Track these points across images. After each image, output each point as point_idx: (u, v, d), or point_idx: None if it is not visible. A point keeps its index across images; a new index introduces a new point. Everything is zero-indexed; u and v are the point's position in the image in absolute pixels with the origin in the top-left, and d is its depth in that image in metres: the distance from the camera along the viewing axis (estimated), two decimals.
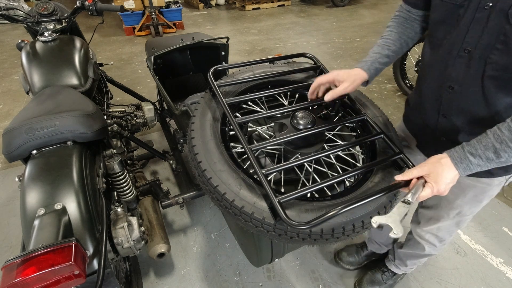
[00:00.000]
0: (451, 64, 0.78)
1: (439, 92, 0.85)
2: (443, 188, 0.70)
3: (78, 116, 1.08)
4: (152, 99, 2.18)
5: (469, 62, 0.73)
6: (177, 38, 1.96)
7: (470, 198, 0.97)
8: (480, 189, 0.94)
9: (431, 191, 0.70)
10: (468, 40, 0.72)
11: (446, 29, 0.78)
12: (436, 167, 0.70)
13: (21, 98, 3.18)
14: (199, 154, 0.83)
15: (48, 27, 1.52)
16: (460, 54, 0.74)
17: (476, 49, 0.71)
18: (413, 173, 0.73)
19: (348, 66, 3.85)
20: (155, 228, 1.34)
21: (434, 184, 0.70)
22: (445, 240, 1.17)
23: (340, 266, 1.60)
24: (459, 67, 0.76)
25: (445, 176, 0.69)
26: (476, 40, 0.70)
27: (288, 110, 0.96)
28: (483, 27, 0.68)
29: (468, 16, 0.70)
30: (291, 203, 0.75)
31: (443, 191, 0.71)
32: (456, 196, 0.98)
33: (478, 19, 0.68)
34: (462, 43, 0.73)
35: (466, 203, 0.99)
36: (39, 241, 0.76)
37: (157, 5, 4.81)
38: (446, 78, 0.81)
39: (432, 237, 1.17)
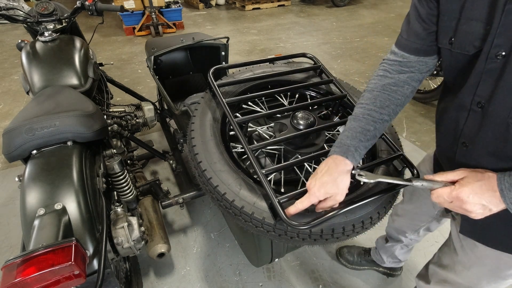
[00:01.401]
0: (464, 118, 0.66)
1: (452, 147, 0.72)
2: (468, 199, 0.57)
3: (78, 116, 1.08)
4: (152, 99, 2.18)
5: (483, 118, 0.61)
6: (177, 38, 1.96)
7: (490, 270, 0.77)
8: (505, 263, 0.73)
9: (449, 191, 0.59)
10: (480, 94, 0.60)
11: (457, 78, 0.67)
12: (476, 175, 0.59)
13: (21, 98, 3.18)
14: (199, 154, 0.83)
15: (48, 27, 1.52)
16: (473, 108, 0.62)
17: (491, 104, 0.58)
18: (448, 176, 0.62)
19: (348, 66, 3.85)
20: (155, 228, 1.34)
21: (459, 187, 0.58)
22: None
23: (338, 260, 1.62)
24: (473, 124, 0.64)
25: (480, 189, 0.56)
26: (490, 94, 0.58)
27: (288, 110, 0.96)
28: (498, 80, 0.56)
29: (478, 67, 0.59)
30: (291, 203, 0.75)
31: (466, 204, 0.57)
32: (472, 263, 0.80)
33: (490, 70, 0.57)
34: (473, 95, 0.61)
35: (484, 276, 0.79)
36: (39, 241, 0.76)
37: (157, 5, 4.81)
38: (459, 133, 0.68)
39: None
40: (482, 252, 0.75)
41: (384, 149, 0.93)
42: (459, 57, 0.63)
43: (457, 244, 0.83)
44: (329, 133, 1.08)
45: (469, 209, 0.58)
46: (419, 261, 1.65)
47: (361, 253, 1.60)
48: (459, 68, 0.65)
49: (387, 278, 1.57)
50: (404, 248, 1.36)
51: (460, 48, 0.62)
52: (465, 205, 0.58)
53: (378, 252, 1.50)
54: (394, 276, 1.57)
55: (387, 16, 5.81)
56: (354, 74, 3.69)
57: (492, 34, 0.53)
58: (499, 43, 0.53)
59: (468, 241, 0.78)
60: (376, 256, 1.52)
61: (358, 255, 1.59)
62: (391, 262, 1.46)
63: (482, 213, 0.58)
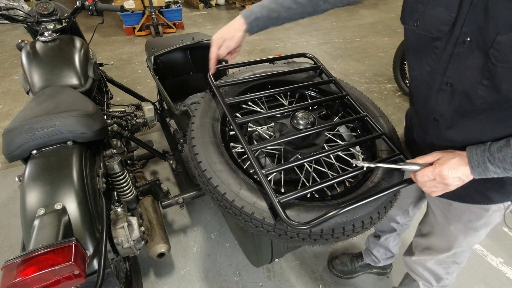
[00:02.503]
0: (434, 96, 0.74)
1: (424, 121, 0.82)
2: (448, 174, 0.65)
3: (78, 116, 1.08)
4: (152, 99, 2.18)
5: (452, 96, 0.70)
6: (177, 38, 1.96)
7: (464, 225, 0.90)
8: (475, 215, 0.86)
9: (432, 170, 0.67)
10: (449, 74, 0.69)
11: (422, 58, 0.75)
12: (449, 154, 0.68)
13: (21, 98, 3.18)
14: (199, 154, 0.83)
15: (48, 27, 1.52)
16: (442, 87, 0.71)
17: (460, 84, 0.67)
18: (427, 158, 0.71)
19: (348, 66, 3.85)
20: (155, 228, 1.34)
21: (439, 165, 0.67)
22: (443, 279, 1.06)
23: (331, 273, 1.58)
24: (442, 101, 0.73)
25: (455, 165, 0.66)
26: (458, 74, 0.67)
27: (288, 110, 0.96)
28: (465, 62, 0.64)
29: (447, 50, 0.67)
30: (291, 203, 0.75)
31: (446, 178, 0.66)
32: (449, 222, 0.93)
33: (458, 54, 0.65)
34: (443, 76, 0.70)
35: (460, 231, 0.91)
36: (39, 241, 0.76)
37: (157, 5, 4.81)
38: (430, 109, 0.77)
39: (426, 273, 1.07)
40: (457, 209, 0.88)
41: (384, 149, 0.93)
42: (422, 39, 0.72)
43: (435, 208, 0.96)
44: (329, 133, 1.08)
45: (449, 182, 0.67)
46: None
47: (353, 259, 1.58)
48: (421, 49, 0.73)
49: (385, 277, 1.57)
50: (397, 238, 1.39)
51: (424, 30, 0.70)
52: (446, 179, 0.67)
53: (371, 253, 1.49)
54: (386, 274, 1.58)
55: (387, 16, 5.81)
56: (354, 74, 3.69)
57: (460, 23, 0.62)
58: (466, 31, 0.62)
59: (444, 202, 0.91)
60: (369, 257, 1.52)
61: (351, 262, 1.57)
62: (385, 259, 1.47)
63: (457, 185, 0.68)
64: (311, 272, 1.60)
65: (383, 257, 1.47)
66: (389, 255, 1.46)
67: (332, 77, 1.09)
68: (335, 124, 0.94)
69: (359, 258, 1.57)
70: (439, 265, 1.03)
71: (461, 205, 0.87)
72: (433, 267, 1.05)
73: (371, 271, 1.58)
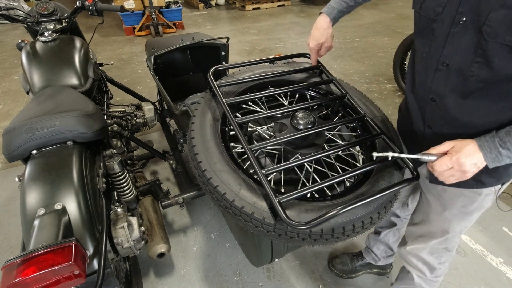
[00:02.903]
0: (431, 76, 0.79)
1: (422, 103, 0.85)
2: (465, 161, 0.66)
3: (78, 116, 1.08)
4: (152, 99, 2.18)
5: (448, 75, 0.74)
6: (177, 38, 1.96)
7: (458, 210, 0.93)
8: (469, 199, 0.89)
9: (449, 158, 0.68)
10: (445, 54, 0.73)
11: (423, 41, 0.79)
12: (462, 142, 0.69)
13: (21, 98, 3.18)
14: (199, 154, 0.83)
15: (48, 27, 1.52)
16: (439, 67, 0.75)
17: (455, 63, 0.71)
18: (440, 148, 0.71)
19: (348, 66, 3.85)
20: (155, 228, 1.34)
21: (455, 153, 0.67)
22: (436, 269, 1.09)
23: (332, 272, 1.58)
24: (439, 80, 0.77)
25: (471, 151, 0.67)
26: (453, 54, 0.71)
27: (288, 110, 0.96)
28: (460, 42, 0.68)
29: (443, 31, 0.71)
30: (291, 203, 0.75)
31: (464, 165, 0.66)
32: (443, 207, 0.95)
33: (454, 34, 0.69)
34: (440, 56, 0.74)
35: (454, 216, 0.94)
36: (39, 241, 0.76)
37: (157, 5, 4.81)
38: (428, 90, 0.81)
39: (420, 263, 1.10)
40: (451, 194, 0.91)
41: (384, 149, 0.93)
42: (423, 21, 0.77)
43: (429, 196, 0.99)
44: (329, 133, 1.08)
45: (466, 169, 0.67)
46: None
47: (354, 258, 1.58)
48: (423, 32, 0.79)
49: (385, 277, 1.58)
50: (396, 234, 1.40)
51: (425, 13, 0.75)
52: (464, 167, 0.67)
53: (371, 251, 1.50)
54: (386, 274, 1.58)
55: (387, 16, 5.81)
56: (354, 74, 3.69)
57: (455, 4, 0.66)
58: (462, 11, 0.66)
59: (437, 189, 0.94)
60: (369, 256, 1.52)
61: (351, 261, 1.57)
62: (385, 257, 1.48)
63: (474, 172, 0.69)
64: (311, 272, 1.60)
65: (383, 255, 1.47)
66: (389, 253, 1.47)
67: (332, 77, 1.09)
68: (335, 124, 0.94)
69: (359, 257, 1.57)
70: (431, 255, 1.06)
71: (455, 190, 0.90)
72: (426, 257, 1.07)
73: (371, 271, 1.58)
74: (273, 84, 1.12)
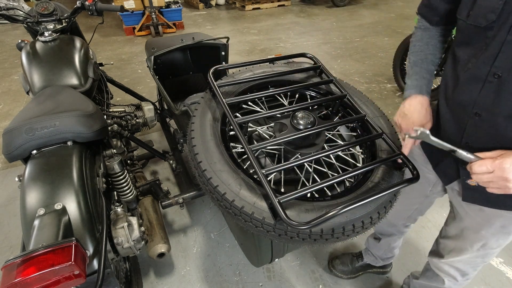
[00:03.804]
0: (477, 89, 0.70)
1: (462, 118, 0.77)
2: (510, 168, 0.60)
3: (78, 116, 1.08)
4: (152, 99, 2.18)
5: (500, 88, 0.66)
6: (177, 38, 1.96)
7: (496, 229, 0.86)
8: (508, 220, 0.83)
9: (492, 161, 0.62)
10: (498, 65, 0.65)
11: (469, 50, 0.72)
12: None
13: (21, 98, 3.18)
14: (199, 154, 0.83)
15: (48, 27, 1.52)
16: (489, 79, 0.67)
17: (509, 74, 0.64)
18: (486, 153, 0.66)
19: (348, 66, 3.85)
20: (155, 228, 1.34)
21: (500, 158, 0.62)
22: (469, 274, 1.06)
23: (332, 273, 1.57)
24: (488, 93, 0.69)
25: None
26: (508, 64, 0.64)
27: (288, 110, 0.96)
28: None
29: (497, 39, 0.64)
30: (291, 203, 0.75)
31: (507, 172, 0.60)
32: (481, 226, 0.88)
33: (510, 42, 0.62)
34: (490, 67, 0.66)
35: (492, 235, 0.88)
36: (39, 241, 0.76)
37: (157, 5, 4.81)
38: (472, 104, 0.73)
39: (453, 270, 1.06)
40: (489, 214, 0.84)
41: (384, 149, 0.93)
42: (472, 30, 0.70)
43: (462, 212, 0.92)
44: (329, 133, 1.08)
45: (510, 177, 0.60)
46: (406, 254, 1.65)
47: (354, 259, 1.57)
48: (470, 41, 0.71)
49: (385, 277, 1.57)
50: (397, 240, 1.38)
51: (474, 21, 0.68)
52: (506, 173, 0.61)
53: (371, 253, 1.49)
54: (386, 273, 1.58)
55: (387, 16, 5.81)
56: (354, 74, 3.69)
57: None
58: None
59: (473, 207, 0.86)
60: (369, 257, 1.52)
61: (351, 262, 1.56)
62: (385, 258, 1.47)
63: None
64: (311, 272, 1.60)
65: (383, 257, 1.47)
66: (390, 255, 1.46)
67: (332, 77, 1.09)
68: (335, 124, 0.94)
69: (359, 257, 1.57)
70: (467, 264, 1.02)
71: (493, 211, 0.83)
72: (461, 267, 1.04)
73: (371, 271, 1.58)
74: (273, 84, 1.12)
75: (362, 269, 1.57)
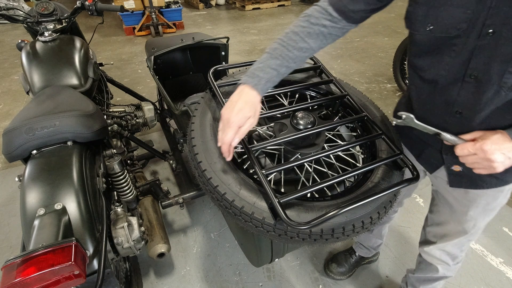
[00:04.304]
0: (456, 89, 0.73)
1: (443, 117, 0.80)
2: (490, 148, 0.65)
3: (78, 116, 1.08)
4: (152, 99, 2.18)
5: (478, 87, 0.69)
6: (177, 38, 1.96)
7: (482, 208, 0.92)
8: (492, 197, 0.89)
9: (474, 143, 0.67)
10: (473, 67, 0.68)
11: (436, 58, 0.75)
12: (491, 132, 0.68)
13: (21, 98, 3.18)
14: (199, 154, 0.83)
15: (48, 27, 1.52)
16: (466, 79, 0.71)
17: (485, 74, 0.67)
18: (466, 136, 0.71)
19: (348, 66, 3.85)
20: (155, 228, 1.34)
21: (482, 140, 0.67)
22: (458, 257, 1.11)
23: (329, 277, 1.56)
24: (466, 93, 0.72)
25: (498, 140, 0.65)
26: (483, 66, 0.67)
27: (288, 110, 0.96)
28: (492, 55, 0.65)
29: (468, 45, 0.67)
30: (291, 203, 0.75)
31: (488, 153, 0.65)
32: (468, 208, 0.94)
33: (482, 47, 0.65)
34: (466, 69, 0.70)
35: (479, 214, 0.94)
36: (39, 241, 0.76)
37: (157, 5, 4.82)
38: (451, 103, 0.76)
39: (444, 255, 1.11)
40: (474, 195, 0.89)
41: (384, 149, 0.93)
42: (438, 40, 0.72)
43: (449, 197, 0.97)
44: (329, 133, 1.08)
45: (492, 158, 0.65)
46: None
47: (348, 256, 1.59)
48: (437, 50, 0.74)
49: (385, 277, 1.58)
50: (386, 227, 1.44)
51: (441, 32, 0.70)
52: (488, 154, 0.65)
53: (362, 245, 1.53)
54: (374, 261, 1.64)
55: (387, 16, 5.81)
56: (354, 74, 3.69)
57: (482, 17, 0.63)
58: (490, 23, 0.63)
59: (459, 191, 0.92)
60: (361, 250, 1.55)
61: (346, 261, 1.57)
62: (375, 247, 1.52)
63: (503, 163, 0.66)
64: (311, 272, 1.60)
65: (374, 246, 1.51)
66: (379, 242, 1.50)
67: (332, 77, 1.09)
68: (335, 124, 0.94)
69: (352, 253, 1.59)
70: (456, 246, 1.07)
71: (477, 191, 0.88)
72: (450, 250, 1.09)
73: (364, 263, 1.61)
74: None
75: (357, 264, 1.59)
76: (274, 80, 0.81)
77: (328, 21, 0.80)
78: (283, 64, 0.80)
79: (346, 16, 0.80)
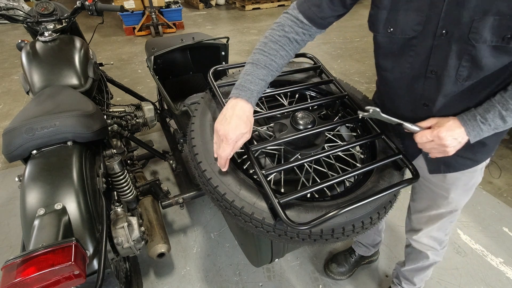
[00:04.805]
0: (420, 85, 0.82)
1: (414, 110, 0.87)
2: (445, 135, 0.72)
3: (78, 116, 1.08)
4: (152, 99, 2.18)
5: (439, 81, 0.77)
6: (177, 38, 1.96)
7: (461, 189, 0.99)
8: (468, 177, 0.96)
9: (431, 131, 0.75)
10: (432, 63, 0.76)
11: (398, 58, 0.83)
12: (444, 119, 0.77)
13: (21, 98, 3.18)
14: (199, 154, 0.83)
15: (48, 27, 1.52)
16: (428, 75, 0.79)
17: (443, 70, 0.75)
18: (423, 123, 0.79)
19: (348, 66, 3.86)
20: (155, 228, 1.34)
21: (437, 127, 0.74)
22: (444, 241, 1.17)
23: (329, 277, 1.56)
24: (430, 87, 0.80)
25: (451, 127, 0.73)
26: (440, 62, 0.75)
27: (288, 110, 0.96)
28: (447, 52, 0.72)
29: (425, 45, 0.75)
30: (291, 203, 0.75)
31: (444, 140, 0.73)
32: (448, 192, 1.00)
33: (438, 46, 0.73)
34: (427, 66, 0.78)
35: (459, 195, 1.00)
36: (39, 241, 0.76)
37: (157, 5, 4.82)
38: (418, 97, 0.84)
39: (431, 240, 1.16)
40: (452, 178, 0.96)
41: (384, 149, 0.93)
42: (399, 41, 0.80)
43: (431, 184, 1.03)
44: (329, 133, 1.08)
45: (446, 143, 0.73)
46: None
47: (347, 256, 1.59)
48: (398, 50, 0.81)
49: (384, 276, 1.58)
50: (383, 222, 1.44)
51: (400, 33, 0.78)
52: (443, 140, 0.73)
53: (362, 244, 1.53)
54: (374, 261, 1.63)
55: None
56: (354, 74, 3.69)
57: (435, 19, 0.71)
58: (442, 24, 0.70)
59: (438, 176, 0.99)
60: (361, 249, 1.55)
61: (346, 260, 1.58)
62: (374, 245, 1.53)
63: (454, 147, 0.74)
64: (311, 272, 1.60)
65: (373, 243, 1.51)
66: (378, 240, 1.51)
67: (332, 77, 1.09)
68: (335, 124, 0.94)
69: (351, 253, 1.59)
70: (440, 231, 1.13)
71: (455, 174, 0.95)
72: (435, 234, 1.14)
73: (364, 262, 1.61)
74: (273, 84, 1.12)
75: (357, 264, 1.59)
76: (262, 90, 0.83)
77: (300, 28, 0.85)
78: (269, 73, 0.83)
79: (316, 23, 0.85)
